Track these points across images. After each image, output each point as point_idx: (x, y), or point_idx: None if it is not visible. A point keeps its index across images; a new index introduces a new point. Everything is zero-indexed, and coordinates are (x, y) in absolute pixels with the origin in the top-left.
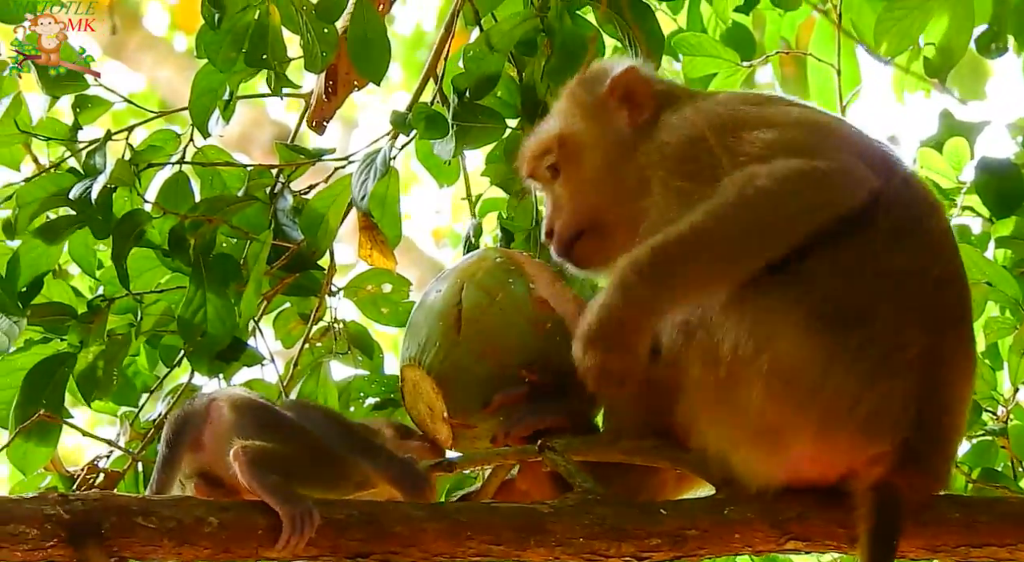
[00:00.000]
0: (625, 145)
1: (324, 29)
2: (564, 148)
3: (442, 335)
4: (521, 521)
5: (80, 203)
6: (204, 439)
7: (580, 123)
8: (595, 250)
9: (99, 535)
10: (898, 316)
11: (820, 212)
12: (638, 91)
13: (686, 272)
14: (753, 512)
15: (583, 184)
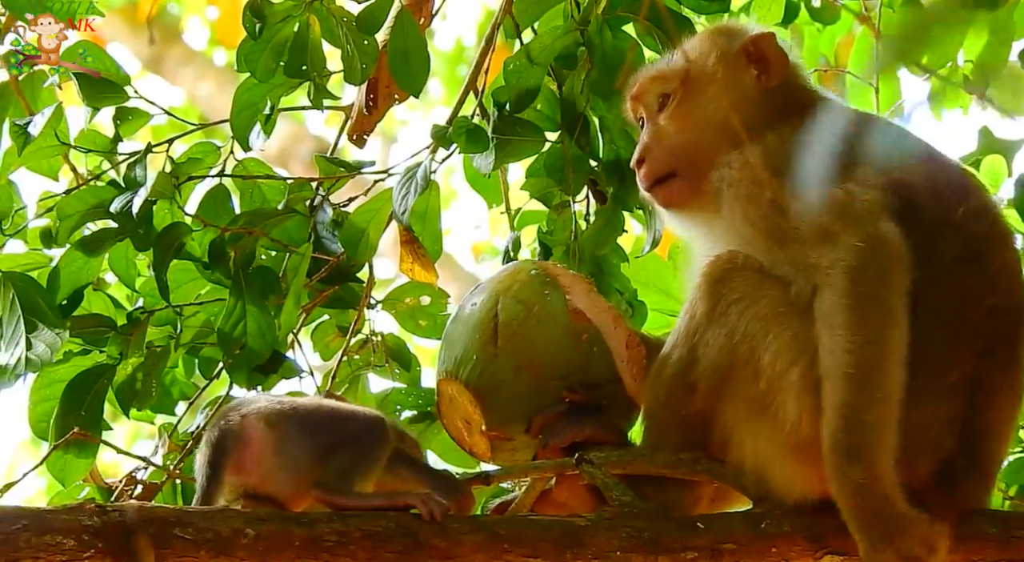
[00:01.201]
0: (748, 104)
1: (364, 41)
2: (687, 83)
3: (479, 348)
4: (558, 534)
5: (121, 216)
6: (246, 463)
7: (712, 66)
8: (683, 193)
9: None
10: (946, 341)
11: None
12: (773, 57)
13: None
14: (790, 526)
15: (693, 126)
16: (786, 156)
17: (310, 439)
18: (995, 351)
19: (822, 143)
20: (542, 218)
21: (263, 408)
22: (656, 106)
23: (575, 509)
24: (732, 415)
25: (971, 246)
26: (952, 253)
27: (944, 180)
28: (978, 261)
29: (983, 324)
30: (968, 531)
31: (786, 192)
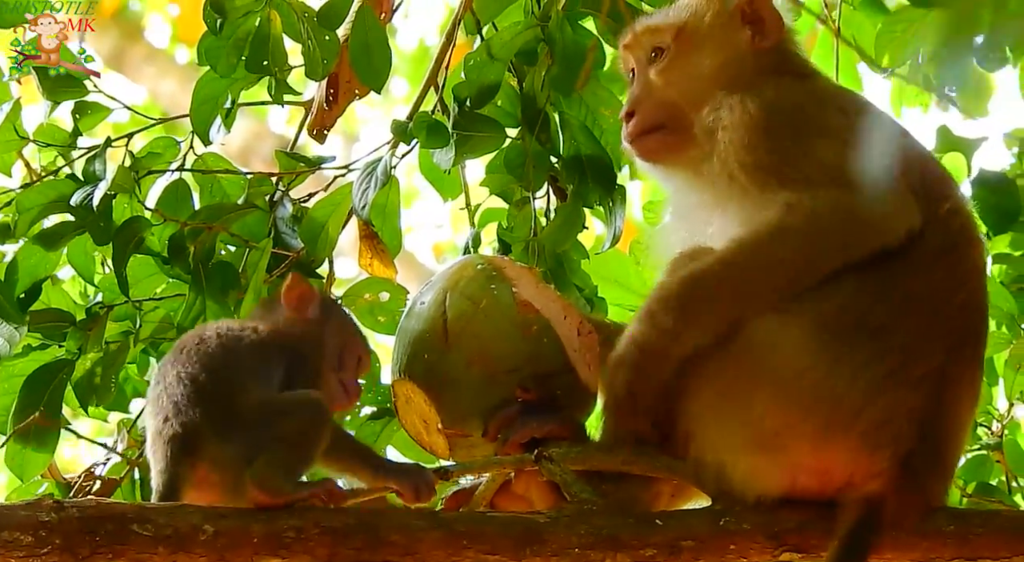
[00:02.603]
0: (741, 63)
1: (326, 36)
2: (682, 39)
3: (430, 346)
4: (518, 530)
5: (81, 209)
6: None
7: (708, 22)
8: (667, 147)
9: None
10: (913, 335)
11: (849, 251)
12: (769, 18)
13: (712, 307)
14: (750, 523)
15: (684, 80)
16: (784, 108)
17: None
18: (961, 347)
19: (822, 105)
20: (502, 215)
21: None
22: (647, 59)
23: (535, 501)
24: (696, 407)
25: (950, 240)
26: (934, 244)
27: (933, 173)
28: (953, 258)
29: (954, 319)
30: (927, 528)
31: (782, 140)
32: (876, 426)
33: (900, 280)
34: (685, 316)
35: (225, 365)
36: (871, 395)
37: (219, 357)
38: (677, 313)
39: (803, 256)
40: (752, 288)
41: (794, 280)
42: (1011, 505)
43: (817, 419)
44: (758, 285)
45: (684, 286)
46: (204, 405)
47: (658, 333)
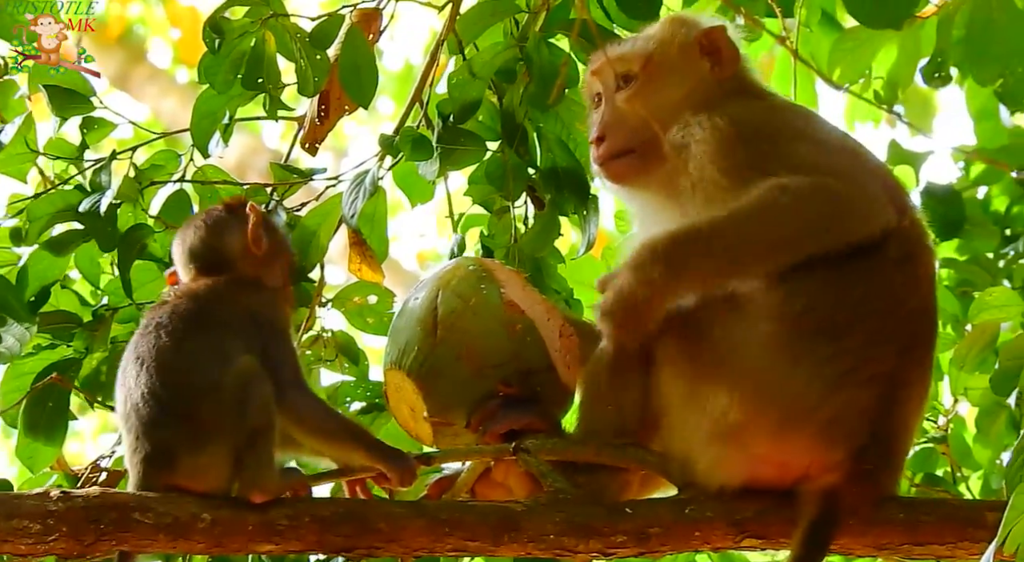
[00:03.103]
0: (705, 91)
1: (317, 56)
2: (650, 66)
3: (421, 339)
4: (496, 518)
5: (88, 217)
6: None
7: (672, 53)
8: (636, 170)
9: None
10: (868, 338)
11: (831, 234)
12: (725, 49)
13: (697, 263)
14: (713, 511)
15: (652, 106)
16: (754, 121)
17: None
18: (912, 350)
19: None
20: (484, 222)
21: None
22: (615, 85)
23: (513, 488)
24: (662, 401)
25: (908, 248)
26: (895, 252)
27: (894, 186)
28: (909, 265)
29: (906, 324)
30: (879, 516)
31: (759, 145)
32: (832, 422)
33: (859, 284)
34: (672, 269)
35: (182, 369)
36: (827, 393)
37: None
38: (664, 264)
39: (790, 230)
40: (736, 254)
41: (775, 253)
42: (956, 494)
43: (777, 414)
44: (742, 252)
45: (674, 241)
46: (170, 424)
47: (645, 284)
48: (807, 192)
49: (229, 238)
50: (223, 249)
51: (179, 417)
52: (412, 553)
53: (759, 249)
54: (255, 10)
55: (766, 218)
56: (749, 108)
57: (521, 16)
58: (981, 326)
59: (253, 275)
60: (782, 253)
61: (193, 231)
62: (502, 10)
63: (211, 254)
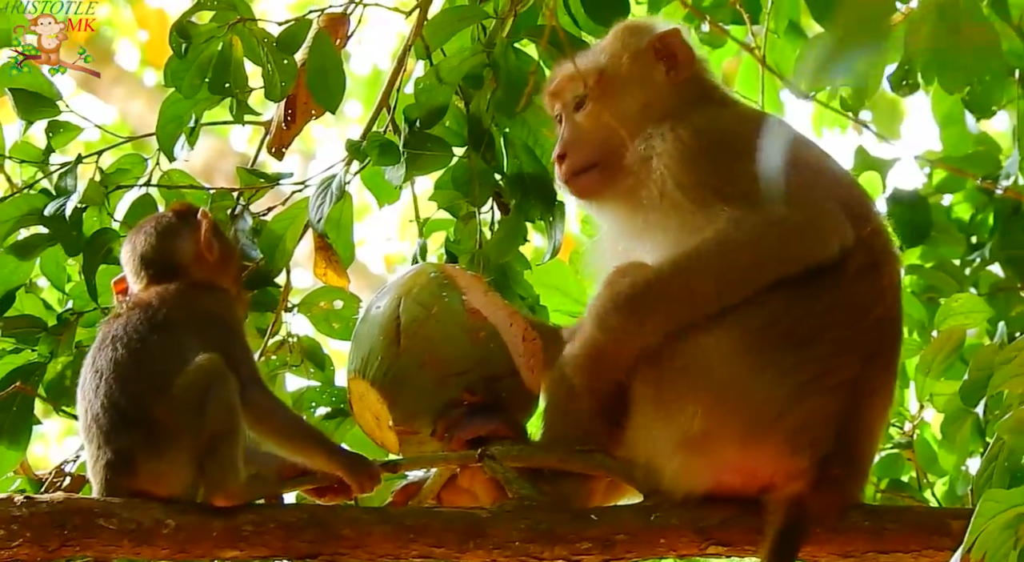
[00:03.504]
0: (661, 99)
1: (284, 60)
2: (603, 83)
3: (384, 348)
4: (462, 525)
5: (53, 221)
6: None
7: (624, 64)
8: (600, 184)
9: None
10: (832, 347)
11: (786, 264)
12: (680, 52)
13: (658, 309)
14: (678, 518)
15: (610, 120)
16: (716, 133)
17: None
18: (877, 358)
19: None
20: (449, 226)
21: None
22: (573, 103)
23: (479, 495)
24: (630, 409)
25: (872, 258)
26: (857, 263)
27: (857, 196)
28: (873, 274)
29: (870, 332)
30: (843, 524)
31: (718, 161)
32: (796, 430)
33: (824, 296)
34: (634, 318)
35: (140, 377)
36: (792, 402)
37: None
38: (626, 315)
39: (746, 267)
40: (697, 294)
41: (736, 289)
42: (921, 501)
43: (742, 422)
44: (703, 292)
45: (634, 290)
46: (130, 430)
47: (609, 335)
48: (763, 227)
49: (180, 244)
50: (175, 256)
51: (138, 423)
52: (377, 559)
53: (717, 288)
54: (222, 14)
55: (726, 257)
56: (713, 118)
57: (489, 22)
58: (947, 332)
59: (205, 280)
60: (740, 288)
61: (143, 238)
62: (470, 16)
63: (163, 261)
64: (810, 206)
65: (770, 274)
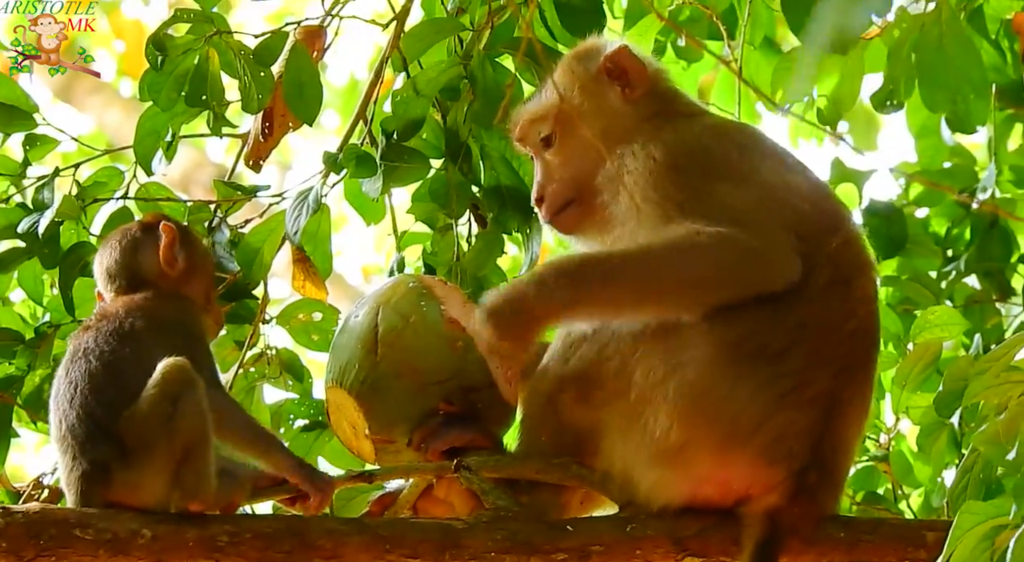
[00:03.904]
0: (621, 120)
1: (260, 73)
2: (561, 119)
3: (362, 357)
4: (438, 535)
5: (29, 236)
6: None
7: (578, 96)
8: (582, 218)
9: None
10: (805, 361)
11: (734, 287)
12: (632, 69)
13: (599, 291)
14: (654, 529)
15: (577, 155)
16: (685, 149)
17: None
18: (851, 371)
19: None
20: (426, 239)
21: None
22: (540, 145)
23: (455, 505)
24: (604, 422)
25: (841, 272)
26: (825, 278)
27: (823, 206)
28: (844, 289)
29: (844, 346)
30: (818, 536)
31: (686, 178)
32: (772, 443)
33: (794, 310)
34: (573, 290)
35: (112, 388)
36: (767, 415)
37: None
38: (566, 286)
39: (693, 276)
40: (639, 289)
41: (677, 296)
42: (897, 513)
43: (718, 435)
44: (645, 289)
45: (583, 263)
46: (105, 441)
47: (544, 298)
48: (718, 243)
49: (143, 257)
50: (138, 269)
51: (112, 434)
52: None
53: (662, 289)
54: (198, 27)
55: (674, 261)
56: (681, 132)
57: (465, 34)
58: (924, 345)
59: (170, 290)
60: (684, 297)
61: (109, 251)
62: (446, 28)
63: (128, 273)
64: (766, 235)
65: (716, 292)
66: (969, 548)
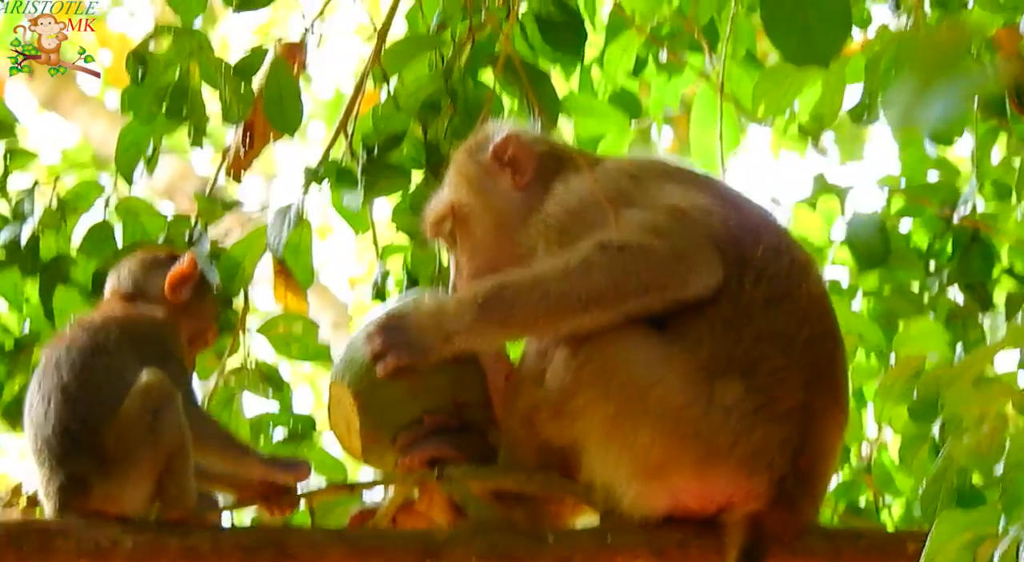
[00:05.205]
0: (514, 208)
1: (241, 87)
2: (456, 216)
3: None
4: (418, 546)
5: (9, 246)
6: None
7: (468, 192)
8: None
9: None
10: (775, 372)
11: (650, 293)
12: (519, 156)
13: (513, 313)
14: (634, 540)
15: (477, 248)
16: (581, 195)
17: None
18: (819, 377)
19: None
20: (407, 250)
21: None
22: (448, 242)
23: (436, 519)
24: (584, 435)
25: (777, 287)
26: (761, 295)
27: (739, 221)
28: (787, 299)
29: (804, 355)
30: (799, 546)
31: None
32: (752, 455)
33: (747, 326)
34: (484, 313)
35: (87, 400)
36: (745, 428)
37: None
38: (479, 308)
39: (603, 288)
40: (552, 307)
41: (590, 310)
42: (878, 524)
43: (698, 449)
44: (558, 306)
45: (494, 287)
46: (83, 454)
47: (455, 317)
48: (626, 252)
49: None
50: (146, 282)
51: (90, 446)
52: None
53: (575, 303)
54: (180, 42)
55: (584, 275)
56: (572, 185)
57: (446, 49)
58: (907, 359)
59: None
60: (598, 308)
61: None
62: (427, 43)
63: (133, 281)
64: (682, 240)
65: (628, 302)
66: (950, 559)
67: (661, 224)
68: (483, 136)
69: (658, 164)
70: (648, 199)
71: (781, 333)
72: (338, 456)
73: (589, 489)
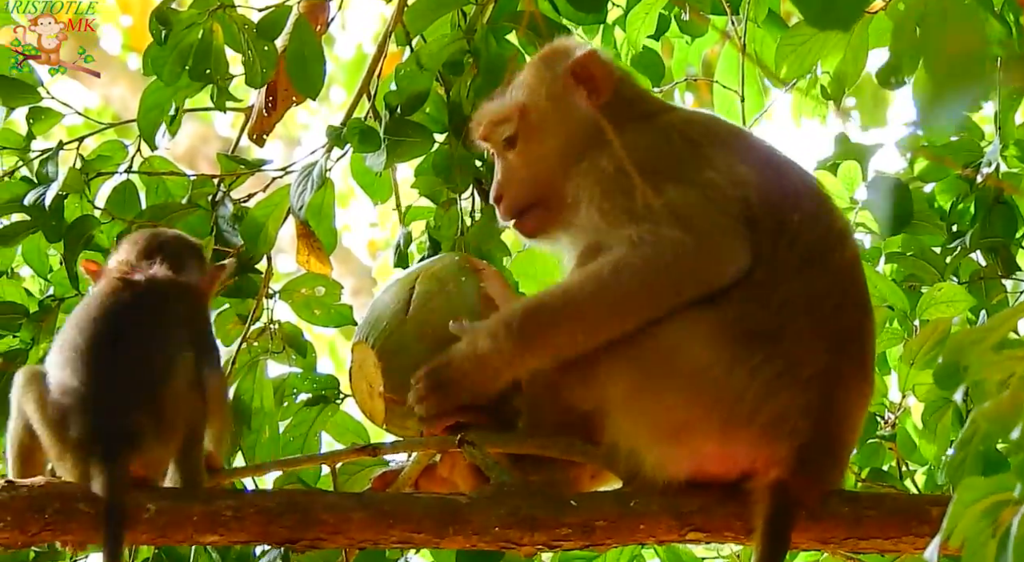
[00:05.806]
0: (586, 124)
1: (264, 47)
2: (525, 121)
3: (391, 315)
4: (440, 511)
5: (34, 209)
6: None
7: (543, 99)
8: (544, 222)
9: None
10: (800, 337)
11: (684, 293)
12: (597, 74)
13: (549, 334)
14: (658, 505)
15: (540, 158)
16: (634, 154)
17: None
18: (845, 345)
19: (670, 142)
20: (430, 214)
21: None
22: (503, 145)
23: (458, 484)
24: (607, 399)
25: (812, 250)
26: (793, 261)
27: (779, 188)
28: (818, 266)
29: (832, 321)
30: (822, 511)
31: (634, 183)
32: (774, 421)
33: (775, 291)
34: (523, 342)
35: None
36: (767, 393)
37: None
38: (516, 338)
39: (638, 291)
40: (590, 319)
41: (631, 313)
42: (902, 489)
43: (721, 413)
44: (596, 316)
45: (527, 312)
46: (141, 409)
47: (496, 353)
48: (659, 251)
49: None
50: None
51: (148, 404)
52: (357, 545)
53: (614, 314)
54: (202, 1)
55: (617, 282)
56: (634, 137)
57: (469, 8)
58: (933, 323)
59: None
60: (637, 312)
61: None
62: (450, 2)
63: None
64: (708, 231)
65: (664, 300)
66: (971, 524)
67: (694, 208)
68: (561, 48)
69: (714, 126)
70: (693, 170)
71: (810, 299)
72: (360, 420)
73: (611, 453)
